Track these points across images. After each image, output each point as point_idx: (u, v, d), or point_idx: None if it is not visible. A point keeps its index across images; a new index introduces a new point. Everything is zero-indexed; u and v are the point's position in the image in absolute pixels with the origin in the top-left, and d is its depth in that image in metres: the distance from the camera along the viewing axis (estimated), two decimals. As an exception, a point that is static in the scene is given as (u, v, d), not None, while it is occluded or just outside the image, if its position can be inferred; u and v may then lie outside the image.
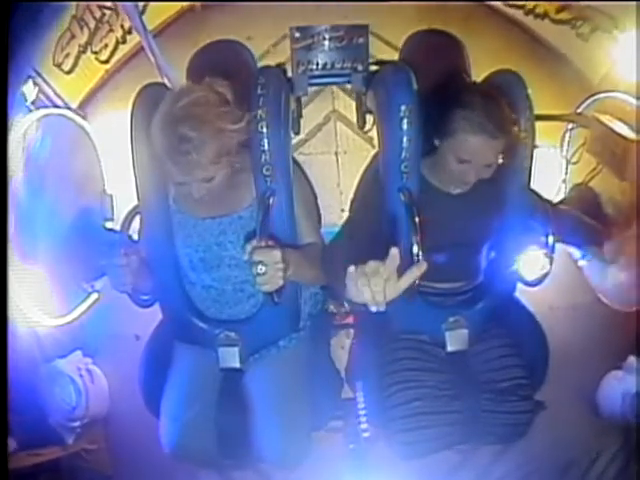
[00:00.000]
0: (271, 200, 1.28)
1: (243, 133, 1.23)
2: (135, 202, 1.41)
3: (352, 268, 0.95)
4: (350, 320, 1.83)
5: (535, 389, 1.47)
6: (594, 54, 2.24)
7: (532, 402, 1.41)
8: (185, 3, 2.61)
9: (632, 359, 1.96)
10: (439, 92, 1.34)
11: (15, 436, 1.70)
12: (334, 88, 2.45)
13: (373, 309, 0.95)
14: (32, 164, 1.84)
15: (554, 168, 2.24)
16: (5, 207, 1.48)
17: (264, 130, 1.25)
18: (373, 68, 1.78)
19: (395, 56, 1.89)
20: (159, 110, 1.19)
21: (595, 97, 2.08)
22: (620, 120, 1.92)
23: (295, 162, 1.43)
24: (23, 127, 1.83)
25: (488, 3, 2.58)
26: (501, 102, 1.29)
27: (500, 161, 1.31)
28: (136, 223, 1.48)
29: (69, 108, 2.20)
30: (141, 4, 2.19)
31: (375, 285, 0.93)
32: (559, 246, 1.51)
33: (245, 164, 1.29)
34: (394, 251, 0.94)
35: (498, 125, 1.26)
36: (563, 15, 2.38)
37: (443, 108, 1.30)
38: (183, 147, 1.15)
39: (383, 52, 2.23)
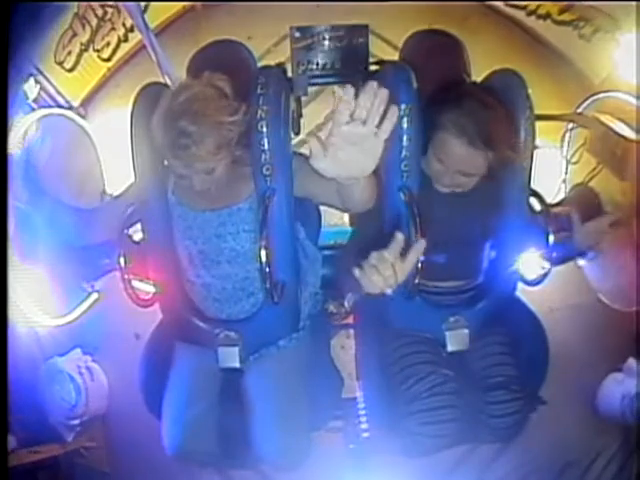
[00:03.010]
0: (271, 199, 1.29)
1: (241, 125, 1.23)
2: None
3: (357, 271, 1.00)
4: (350, 320, 1.83)
5: (531, 389, 1.45)
6: (596, 55, 2.23)
7: (519, 403, 1.39)
8: (187, 2, 2.61)
9: (632, 361, 1.96)
10: (438, 93, 1.33)
11: (15, 434, 1.71)
12: (335, 88, 2.44)
13: (388, 292, 0.99)
14: (32, 164, 1.84)
15: (554, 168, 2.24)
16: (5, 207, 1.48)
17: (264, 130, 1.24)
18: (373, 68, 1.77)
19: (395, 56, 1.89)
20: (159, 106, 1.21)
21: (595, 97, 2.07)
22: (620, 120, 1.91)
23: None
24: (23, 127, 1.83)
25: (489, 3, 2.57)
26: (500, 118, 1.25)
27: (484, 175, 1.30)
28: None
29: (70, 108, 2.20)
30: (143, 3, 2.19)
31: (385, 270, 0.97)
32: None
33: (244, 157, 1.29)
34: (399, 236, 0.98)
35: (484, 137, 1.22)
36: (565, 16, 2.37)
37: (436, 106, 1.29)
38: (183, 141, 1.16)
39: (383, 52, 2.23)
